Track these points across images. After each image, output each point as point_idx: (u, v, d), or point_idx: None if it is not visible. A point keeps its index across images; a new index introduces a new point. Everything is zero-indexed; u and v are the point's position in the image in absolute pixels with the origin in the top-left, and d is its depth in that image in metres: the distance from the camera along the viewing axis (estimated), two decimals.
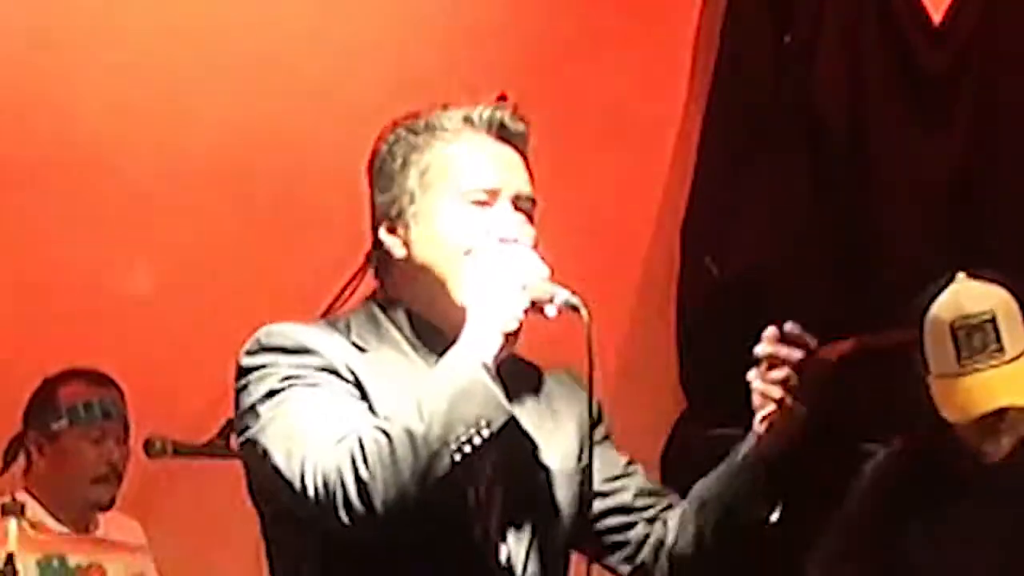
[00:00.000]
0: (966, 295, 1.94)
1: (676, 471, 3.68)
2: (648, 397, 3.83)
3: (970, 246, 3.64)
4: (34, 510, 2.63)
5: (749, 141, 4.06)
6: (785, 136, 3.99)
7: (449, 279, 1.41)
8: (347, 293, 2.49)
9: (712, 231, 4.01)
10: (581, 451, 1.45)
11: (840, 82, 3.99)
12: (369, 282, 1.57)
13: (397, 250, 1.44)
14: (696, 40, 5.30)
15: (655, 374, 3.88)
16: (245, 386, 1.40)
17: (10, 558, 2.35)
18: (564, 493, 1.44)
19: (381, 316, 1.46)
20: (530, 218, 1.47)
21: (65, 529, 2.73)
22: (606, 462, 1.50)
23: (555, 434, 1.47)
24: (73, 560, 2.65)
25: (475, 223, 1.42)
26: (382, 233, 1.46)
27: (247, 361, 1.41)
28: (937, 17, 3.92)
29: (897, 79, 4.01)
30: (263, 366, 1.38)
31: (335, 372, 1.37)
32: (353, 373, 1.38)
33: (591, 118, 3.91)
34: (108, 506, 2.81)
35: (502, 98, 2.71)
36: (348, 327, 1.45)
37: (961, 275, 1.98)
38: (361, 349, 1.42)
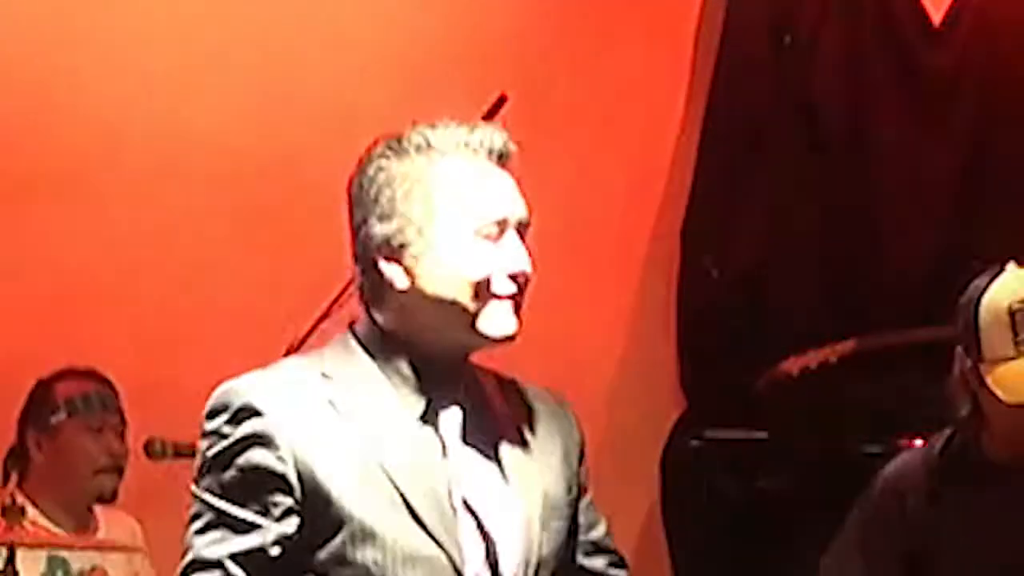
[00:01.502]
0: (1021, 281, 1.96)
1: (676, 471, 3.69)
2: (648, 397, 3.83)
3: (970, 245, 3.65)
4: (34, 514, 2.62)
5: (749, 141, 4.06)
6: (785, 136, 4.00)
7: (466, 308, 1.38)
8: (339, 302, 2.47)
9: (712, 231, 4.01)
10: (569, 485, 1.46)
11: (840, 82, 4.00)
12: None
13: (400, 281, 1.40)
14: (696, 40, 5.30)
15: (655, 374, 3.89)
16: (199, 464, 1.41)
17: (11, 557, 2.35)
18: (553, 525, 1.43)
19: (357, 348, 1.43)
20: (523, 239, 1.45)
21: (66, 532, 2.73)
22: (584, 512, 1.52)
23: (536, 458, 1.45)
24: (76, 564, 2.65)
25: (487, 257, 1.39)
26: (382, 263, 1.40)
27: (205, 425, 1.40)
28: (937, 17, 3.93)
29: (897, 79, 4.01)
30: (208, 447, 1.39)
31: (271, 443, 1.35)
32: (303, 438, 1.36)
33: (591, 118, 3.91)
34: (111, 497, 2.80)
35: (502, 99, 2.72)
36: (322, 358, 1.44)
37: (1011, 264, 1.99)
38: (327, 377, 1.40)
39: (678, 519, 3.63)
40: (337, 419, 1.37)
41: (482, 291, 1.38)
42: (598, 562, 1.52)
